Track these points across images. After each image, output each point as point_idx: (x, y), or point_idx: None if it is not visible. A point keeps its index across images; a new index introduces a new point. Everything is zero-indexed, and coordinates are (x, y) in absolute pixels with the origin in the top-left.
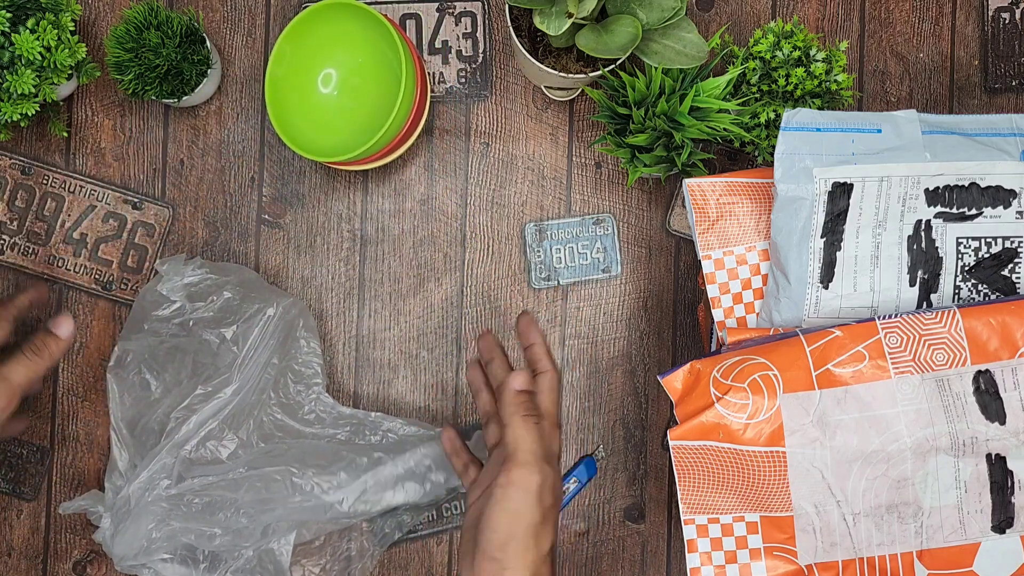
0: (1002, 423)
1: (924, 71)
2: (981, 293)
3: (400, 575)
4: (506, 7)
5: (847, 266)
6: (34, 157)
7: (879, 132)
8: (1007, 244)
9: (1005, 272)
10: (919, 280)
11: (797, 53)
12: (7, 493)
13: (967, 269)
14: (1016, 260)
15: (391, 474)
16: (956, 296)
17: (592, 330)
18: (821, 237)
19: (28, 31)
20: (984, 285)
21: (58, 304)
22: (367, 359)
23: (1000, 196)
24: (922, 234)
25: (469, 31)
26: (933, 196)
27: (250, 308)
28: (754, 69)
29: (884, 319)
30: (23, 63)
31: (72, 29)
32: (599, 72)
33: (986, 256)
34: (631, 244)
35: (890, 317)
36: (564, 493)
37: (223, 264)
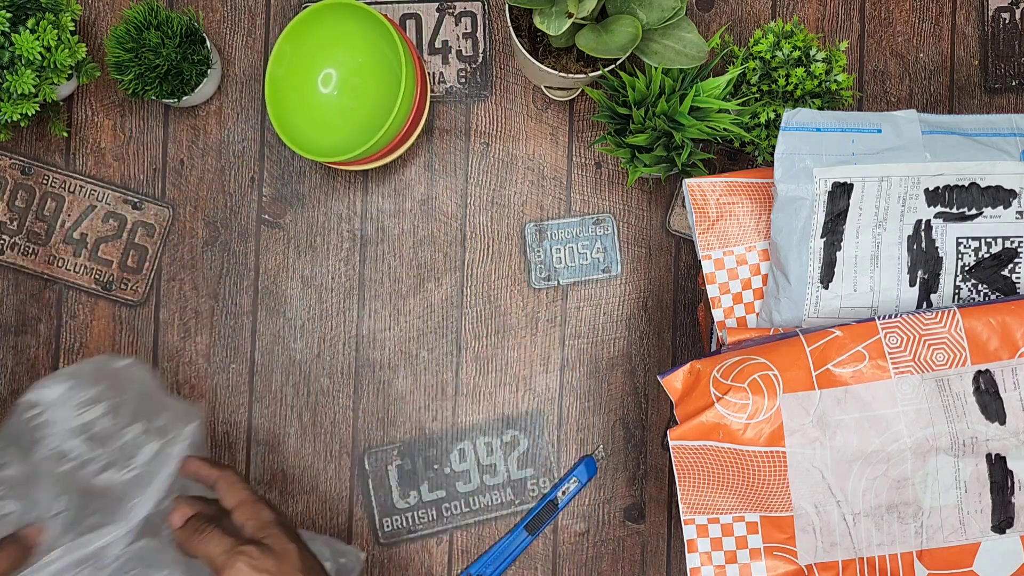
0: (1002, 423)
1: (924, 71)
2: (981, 293)
3: (400, 575)
4: (506, 7)
5: (847, 266)
6: (34, 157)
7: (879, 132)
8: (1007, 244)
9: (1005, 272)
10: (919, 280)
11: (797, 53)
12: None
13: (967, 269)
14: (1016, 260)
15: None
16: (956, 296)
17: (592, 330)
18: (821, 237)
19: (28, 31)
20: (984, 285)
21: (58, 304)
22: (367, 359)
23: (1000, 196)
24: (922, 234)
25: (469, 31)
26: (933, 196)
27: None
28: (754, 69)
29: (884, 319)
30: (23, 63)
31: (72, 29)
32: (599, 72)
33: (986, 256)
34: (631, 244)
35: (890, 317)
36: (564, 493)
37: (114, 370)
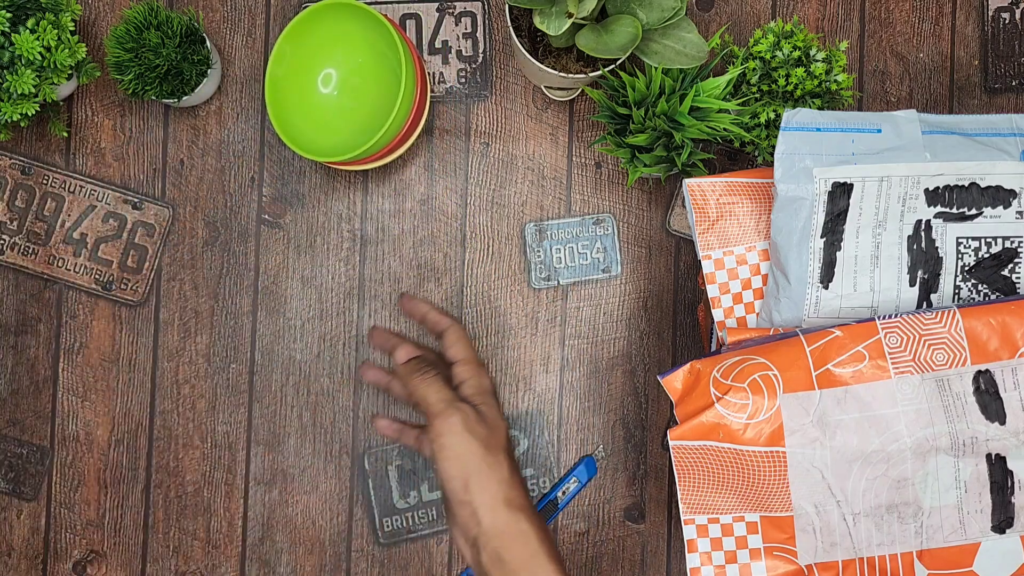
0: (1002, 423)
1: (924, 71)
2: (981, 293)
3: (400, 575)
4: (506, 7)
5: (847, 266)
6: (34, 157)
7: (879, 132)
8: (1007, 244)
9: (1005, 272)
10: (919, 280)
11: (797, 53)
12: (7, 493)
13: (967, 269)
14: (1016, 260)
15: None
16: (956, 296)
17: (592, 330)
18: (821, 237)
19: (28, 31)
20: (984, 285)
21: (58, 304)
22: (367, 359)
23: (1000, 196)
24: (922, 234)
25: (469, 31)
26: (933, 196)
27: None
28: (754, 69)
29: (884, 319)
30: (23, 63)
31: (72, 29)
32: (599, 72)
33: (986, 256)
34: (631, 244)
35: (890, 317)
36: (564, 493)
37: None
